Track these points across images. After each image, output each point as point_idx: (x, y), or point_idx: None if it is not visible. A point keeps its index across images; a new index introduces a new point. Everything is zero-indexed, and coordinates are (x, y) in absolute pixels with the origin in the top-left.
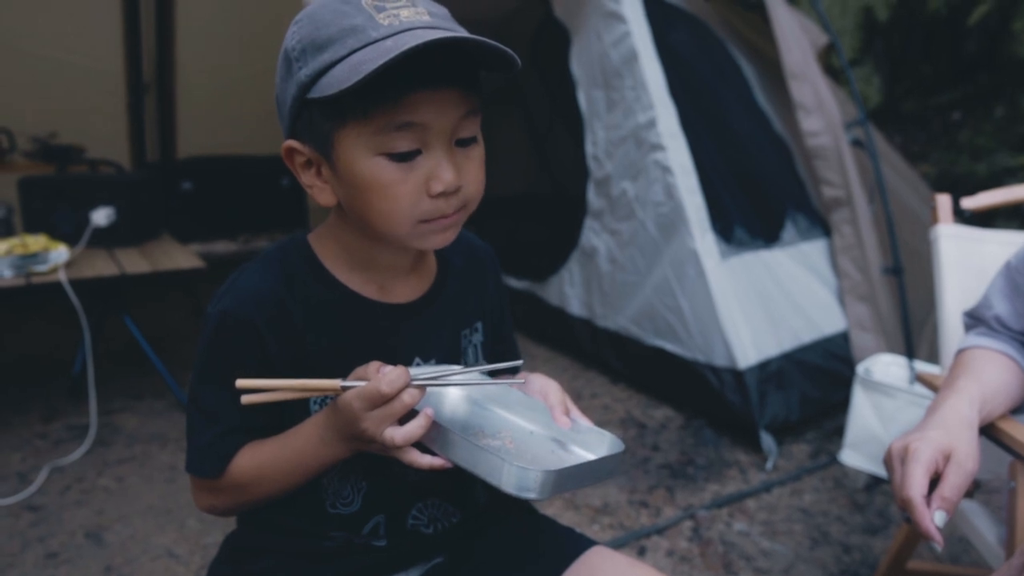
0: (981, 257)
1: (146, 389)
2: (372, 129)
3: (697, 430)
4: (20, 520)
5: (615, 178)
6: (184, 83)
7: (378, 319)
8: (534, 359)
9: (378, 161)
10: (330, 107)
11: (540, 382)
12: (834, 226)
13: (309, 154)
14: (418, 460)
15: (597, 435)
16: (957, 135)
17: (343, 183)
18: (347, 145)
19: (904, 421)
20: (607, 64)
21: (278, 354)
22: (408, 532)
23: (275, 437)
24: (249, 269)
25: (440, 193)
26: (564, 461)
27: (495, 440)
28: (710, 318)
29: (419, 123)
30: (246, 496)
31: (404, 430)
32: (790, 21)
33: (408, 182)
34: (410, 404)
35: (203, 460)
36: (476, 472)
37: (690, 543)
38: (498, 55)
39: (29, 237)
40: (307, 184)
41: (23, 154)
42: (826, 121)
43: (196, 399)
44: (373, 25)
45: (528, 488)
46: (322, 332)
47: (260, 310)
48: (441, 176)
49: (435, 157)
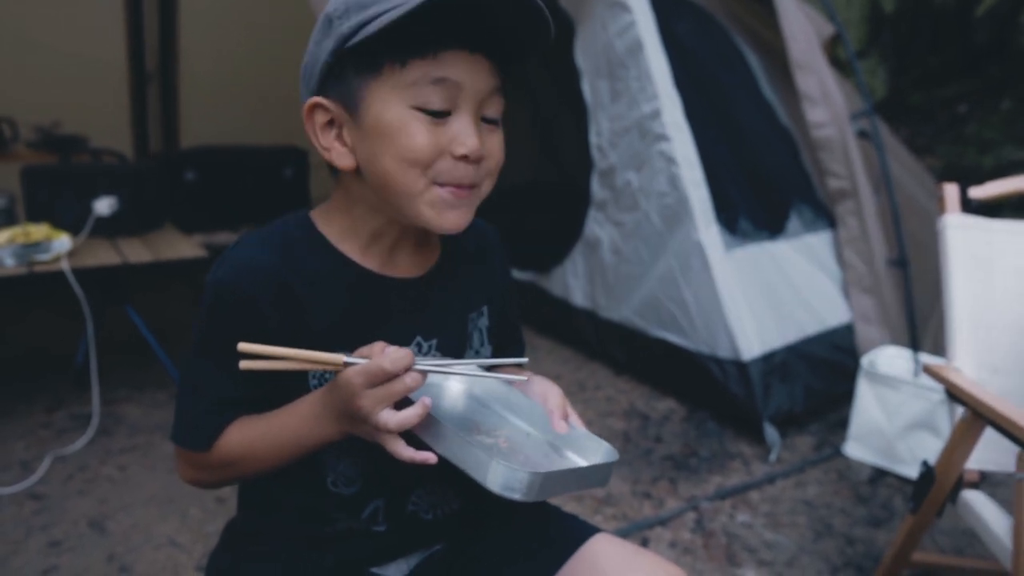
0: (989, 247)
1: (149, 379)
2: (408, 80)
3: (700, 422)
4: (23, 508)
5: (619, 169)
6: (188, 73)
7: (380, 291)
8: (537, 350)
9: (410, 112)
10: (366, 57)
11: (541, 385)
12: (839, 218)
13: (334, 111)
14: (402, 451)
15: (593, 442)
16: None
17: (367, 136)
18: (379, 95)
19: (908, 414)
20: (612, 54)
21: (278, 325)
22: (408, 517)
23: (267, 414)
24: (246, 240)
25: (462, 156)
26: (554, 464)
27: (489, 438)
28: (714, 310)
29: (454, 80)
30: (232, 471)
31: (399, 415)
32: (796, 12)
33: (434, 135)
34: (412, 387)
35: (191, 432)
36: (463, 467)
37: (693, 534)
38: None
39: (32, 226)
40: (325, 146)
41: (26, 143)
42: (832, 112)
43: (189, 369)
44: None
45: (513, 488)
46: (322, 303)
47: (256, 281)
48: (465, 139)
49: (463, 121)
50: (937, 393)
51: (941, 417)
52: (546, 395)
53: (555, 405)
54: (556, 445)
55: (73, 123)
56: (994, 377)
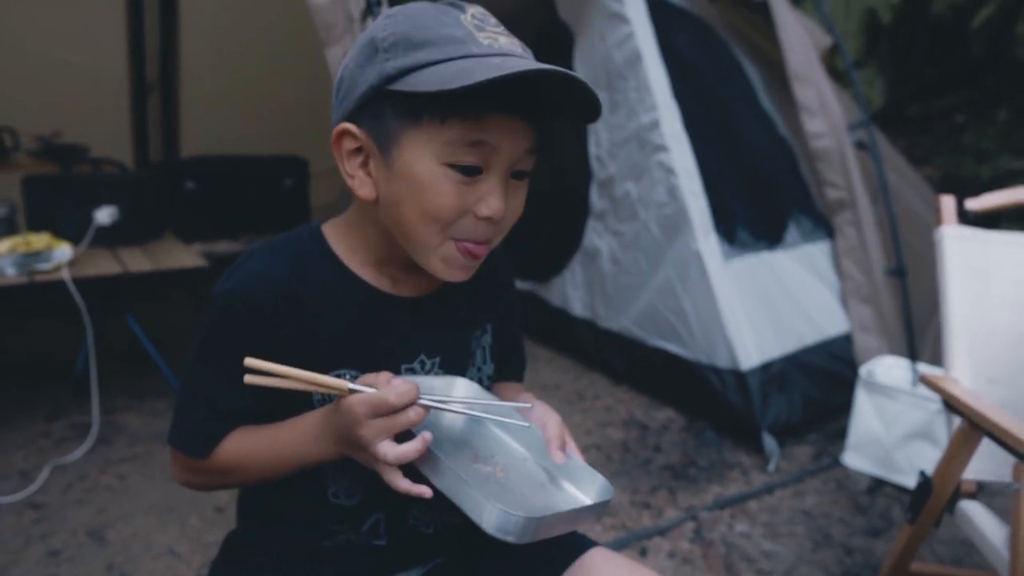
0: (985, 258)
1: (148, 388)
2: (445, 138)
3: (699, 431)
4: (22, 518)
5: (618, 179)
6: (188, 83)
7: (386, 309)
8: (537, 360)
9: (442, 169)
10: (408, 104)
11: (541, 412)
12: (837, 228)
13: (364, 143)
14: (398, 482)
15: (589, 475)
16: (961, 138)
17: (395, 180)
18: (414, 145)
19: (906, 423)
20: (610, 65)
21: (286, 336)
22: (408, 531)
23: (266, 426)
24: (258, 252)
25: (486, 217)
26: (549, 502)
27: (487, 466)
28: (713, 320)
29: (491, 144)
30: (227, 479)
31: (399, 449)
32: (794, 23)
33: (462, 196)
34: (415, 421)
35: (190, 438)
36: (459, 504)
37: (692, 544)
38: (581, 103)
39: (32, 235)
40: (349, 173)
41: (27, 153)
42: (829, 123)
43: (191, 377)
44: (474, 41)
45: (508, 531)
46: (330, 318)
47: (266, 293)
48: (492, 202)
49: (492, 182)
50: (935, 403)
51: (939, 427)
52: (545, 422)
53: (554, 434)
54: (552, 474)
55: (74, 132)
56: (991, 387)
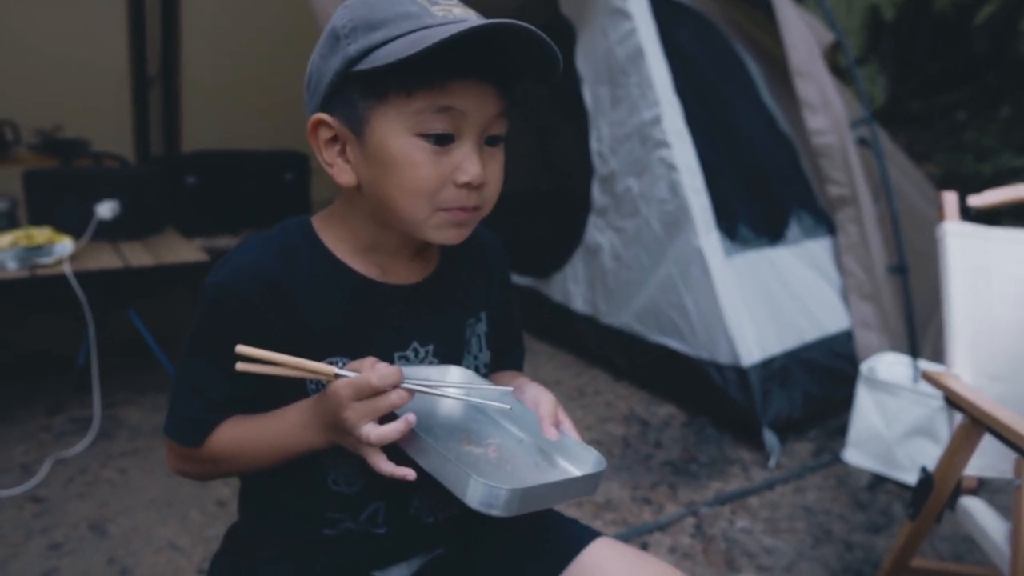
0: (987, 255)
1: (149, 383)
2: (413, 109)
3: (700, 427)
4: (23, 511)
5: (620, 175)
6: (189, 77)
7: (378, 297)
8: (537, 356)
9: (413, 141)
10: (373, 83)
11: (535, 391)
12: (839, 224)
13: (338, 130)
14: (381, 465)
15: (583, 450)
16: (963, 135)
17: (371, 161)
18: (384, 122)
19: (908, 420)
20: (613, 61)
21: (278, 327)
22: (409, 520)
23: (258, 416)
24: (247, 244)
25: (465, 183)
26: (542, 475)
27: (479, 447)
28: (714, 316)
29: (458, 109)
30: (220, 468)
31: (380, 429)
32: (796, 19)
33: (438, 165)
34: (397, 403)
35: (184, 429)
36: (444, 482)
37: (692, 540)
38: (540, 59)
39: (34, 229)
40: (328, 162)
41: (28, 147)
42: (832, 119)
43: (185, 368)
44: (428, 14)
45: (492, 504)
46: (320, 308)
47: (256, 284)
48: (468, 168)
49: (465, 148)
50: (936, 399)
51: (940, 423)
52: (538, 401)
53: (546, 412)
54: (547, 452)
55: (75, 127)
56: (993, 384)
